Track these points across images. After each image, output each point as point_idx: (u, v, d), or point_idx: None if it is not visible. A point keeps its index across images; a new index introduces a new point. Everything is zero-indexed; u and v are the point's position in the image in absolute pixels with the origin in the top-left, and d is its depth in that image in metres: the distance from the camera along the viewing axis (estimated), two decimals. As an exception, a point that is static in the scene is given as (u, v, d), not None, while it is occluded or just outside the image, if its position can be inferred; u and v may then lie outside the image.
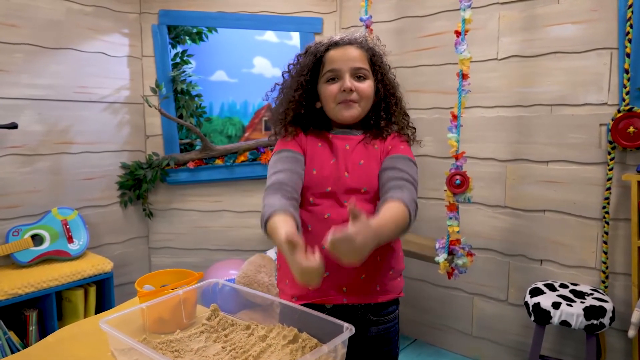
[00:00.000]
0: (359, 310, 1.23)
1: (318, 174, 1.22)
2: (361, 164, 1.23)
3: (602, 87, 2.12)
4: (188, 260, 3.10)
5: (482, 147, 2.50)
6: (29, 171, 2.51)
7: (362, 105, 1.25)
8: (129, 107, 2.95)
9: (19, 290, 2.16)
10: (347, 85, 1.21)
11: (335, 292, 1.20)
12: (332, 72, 1.23)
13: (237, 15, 2.99)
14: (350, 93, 1.22)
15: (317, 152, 1.25)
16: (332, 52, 1.24)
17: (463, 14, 2.10)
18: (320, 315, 1.02)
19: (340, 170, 1.22)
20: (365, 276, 1.20)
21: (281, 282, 1.31)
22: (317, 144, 1.27)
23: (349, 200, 1.05)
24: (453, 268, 2.21)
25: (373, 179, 1.22)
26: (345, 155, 1.24)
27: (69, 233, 2.52)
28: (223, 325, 1.15)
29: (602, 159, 2.13)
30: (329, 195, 1.20)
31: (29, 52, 2.48)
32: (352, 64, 1.23)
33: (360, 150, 1.25)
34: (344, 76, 1.22)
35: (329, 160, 1.24)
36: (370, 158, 1.24)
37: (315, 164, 1.24)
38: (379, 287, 1.23)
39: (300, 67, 1.28)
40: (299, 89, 1.26)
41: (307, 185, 1.22)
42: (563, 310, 1.91)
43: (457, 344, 2.71)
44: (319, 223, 1.18)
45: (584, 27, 2.15)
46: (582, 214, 2.21)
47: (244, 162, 3.02)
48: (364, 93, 1.24)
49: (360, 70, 1.24)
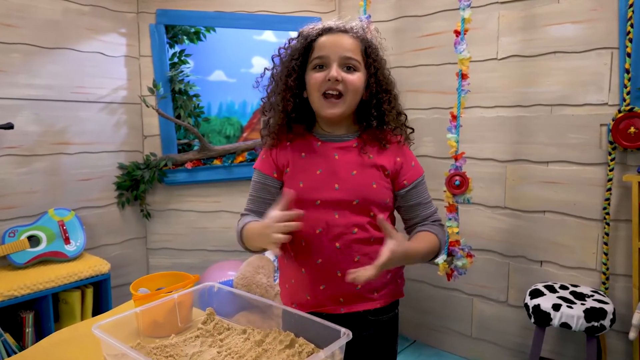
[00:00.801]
0: (357, 314, 1.21)
1: (305, 187, 1.17)
2: (354, 174, 1.17)
3: (602, 87, 2.11)
4: (186, 261, 3.08)
5: (482, 147, 2.48)
6: (25, 172, 2.49)
7: (347, 99, 1.15)
8: (127, 107, 2.93)
9: (15, 292, 2.14)
10: (332, 74, 1.12)
11: (331, 302, 1.18)
12: (319, 59, 1.15)
13: (236, 14, 2.98)
14: (335, 83, 1.13)
15: (301, 164, 1.19)
16: (323, 38, 1.16)
17: (462, 13, 2.08)
18: (318, 320, 1.00)
19: (329, 182, 1.16)
20: (361, 286, 1.17)
21: (282, 286, 1.30)
22: (301, 153, 1.20)
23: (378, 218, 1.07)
24: (452, 269, 2.20)
25: (366, 190, 1.16)
26: (335, 165, 1.17)
27: (66, 234, 2.51)
28: (219, 330, 1.14)
29: (603, 160, 2.12)
30: (318, 207, 1.16)
31: (26, 52, 2.46)
32: (342, 52, 1.14)
33: (352, 160, 1.18)
34: (331, 65, 1.13)
35: (315, 170, 1.18)
36: (363, 168, 1.18)
37: (300, 177, 1.18)
38: (376, 292, 1.21)
39: (292, 51, 1.20)
40: (291, 74, 1.18)
41: (295, 197, 1.15)
42: (563, 312, 1.89)
43: (457, 345, 2.70)
44: (310, 237, 1.16)
45: (584, 27, 2.14)
46: (583, 214, 2.19)
47: (242, 162, 3.01)
48: (351, 85, 1.14)
49: (350, 61, 1.15)
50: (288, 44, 1.23)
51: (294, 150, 1.21)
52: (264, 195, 1.23)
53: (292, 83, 1.17)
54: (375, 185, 1.17)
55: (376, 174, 1.18)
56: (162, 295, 1.25)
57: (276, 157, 1.22)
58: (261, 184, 1.24)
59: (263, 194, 1.23)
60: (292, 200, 1.08)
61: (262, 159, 1.25)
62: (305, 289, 1.20)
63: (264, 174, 1.23)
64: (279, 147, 1.23)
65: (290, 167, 1.20)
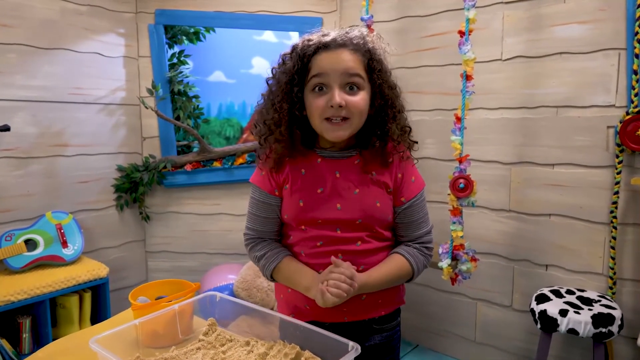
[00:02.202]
0: (361, 323, 1.19)
1: (305, 206, 1.13)
2: (356, 193, 1.12)
3: (609, 89, 2.07)
4: (185, 265, 3.05)
5: (486, 149, 2.45)
6: (22, 174, 2.46)
7: (353, 122, 1.07)
8: (125, 109, 2.90)
9: (12, 297, 2.11)
10: (335, 101, 1.03)
11: (335, 313, 1.14)
12: (318, 79, 1.06)
13: (235, 14, 2.94)
14: (339, 110, 1.04)
15: (301, 181, 1.14)
16: (321, 56, 1.06)
17: (467, 13, 2.05)
18: (324, 333, 0.97)
19: (331, 201, 1.12)
20: (366, 297, 1.15)
21: (277, 296, 1.27)
22: (301, 170, 1.14)
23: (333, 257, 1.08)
24: (457, 274, 2.16)
25: (369, 210, 1.12)
26: (336, 184, 1.12)
27: (64, 237, 2.47)
28: (221, 341, 1.10)
29: (610, 162, 2.08)
30: (320, 225, 1.13)
31: (23, 52, 2.43)
32: (342, 71, 1.04)
33: (354, 178, 1.13)
34: (332, 87, 1.04)
35: (316, 189, 1.12)
36: (366, 186, 1.13)
37: (300, 195, 1.13)
38: (381, 300, 1.19)
39: (286, 72, 1.10)
40: (284, 99, 1.09)
41: (295, 216, 1.14)
42: (570, 318, 1.86)
43: (460, 350, 2.66)
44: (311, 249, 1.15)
45: (590, 27, 2.10)
46: (589, 218, 2.16)
47: (242, 164, 2.97)
48: (355, 108, 1.05)
49: (352, 79, 1.05)
50: (282, 61, 1.13)
51: (293, 166, 1.16)
52: (267, 215, 1.19)
53: (290, 107, 1.09)
54: (379, 204, 1.13)
55: (379, 192, 1.14)
56: (163, 305, 1.21)
57: (275, 174, 1.17)
58: (262, 202, 1.19)
59: (266, 212, 1.19)
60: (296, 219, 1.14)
61: (261, 175, 1.19)
62: (304, 300, 1.15)
63: (265, 192, 1.18)
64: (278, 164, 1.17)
65: (290, 184, 1.15)
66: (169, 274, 3.04)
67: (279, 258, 1.16)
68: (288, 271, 1.15)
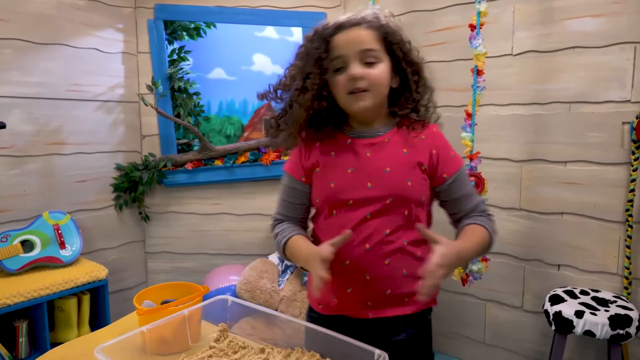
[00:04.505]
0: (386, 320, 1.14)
1: (336, 187, 1.13)
2: (387, 171, 1.11)
3: (624, 84, 2.02)
4: (186, 266, 3.00)
5: (496, 146, 2.39)
6: (18, 173, 2.40)
7: (374, 94, 1.10)
8: (124, 106, 2.84)
9: (8, 300, 2.04)
10: (352, 72, 1.07)
11: (359, 306, 1.12)
12: (338, 60, 1.09)
13: (237, 9, 2.88)
14: (358, 81, 1.08)
15: (332, 163, 1.15)
16: (337, 37, 1.10)
17: (478, 6, 2.00)
18: (348, 340, 0.91)
19: (362, 180, 1.11)
20: (390, 292, 1.11)
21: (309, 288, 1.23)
22: (331, 152, 1.16)
23: (417, 225, 1.04)
24: (468, 274, 2.11)
25: (400, 188, 1.10)
26: (367, 163, 1.12)
27: (61, 238, 2.41)
28: (233, 348, 1.04)
29: (625, 159, 2.03)
30: (351, 207, 1.11)
31: (19, 47, 2.36)
32: (358, 47, 1.08)
33: (385, 156, 1.13)
34: (350, 63, 1.08)
35: (346, 169, 1.13)
36: (397, 164, 1.12)
37: (331, 176, 1.14)
38: (407, 298, 1.14)
39: (310, 55, 1.12)
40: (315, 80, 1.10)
41: (327, 198, 1.13)
42: (587, 320, 1.81)
43: (469, 352, 2.61)
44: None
45: (605, 20, 2.05)
46: (603, 216, 2.11)
47: (244, 163, 2.91)
48: (375, 80, 1.09)
49: (369, 53, 1.08)
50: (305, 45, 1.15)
51: (323, 149, 1.17)
52: (293, 200, 1.21)
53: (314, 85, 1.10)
54: (410, 182, 1.11)
55: (411, 170, 1.12)
56: (171, 309, 1.14)
57: (305, 159, 1.17)
58: (290, 187, 1.21)
59: (292, 198, 1.21)
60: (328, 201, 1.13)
61: (292, 161, 1.21)
62: (332, 291, 1.14)
63: (293, 178, 1.20)
64: (307, 149, 1.17)
65: (320, 167, 1.16)
66: (169, 275, 2.99)
67: (290, 234, 1.17)
68: (295, 246, 1.15)
